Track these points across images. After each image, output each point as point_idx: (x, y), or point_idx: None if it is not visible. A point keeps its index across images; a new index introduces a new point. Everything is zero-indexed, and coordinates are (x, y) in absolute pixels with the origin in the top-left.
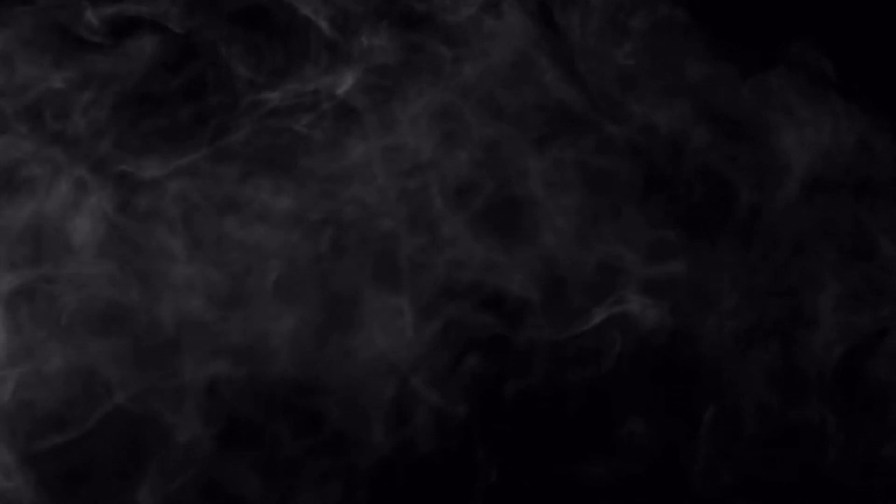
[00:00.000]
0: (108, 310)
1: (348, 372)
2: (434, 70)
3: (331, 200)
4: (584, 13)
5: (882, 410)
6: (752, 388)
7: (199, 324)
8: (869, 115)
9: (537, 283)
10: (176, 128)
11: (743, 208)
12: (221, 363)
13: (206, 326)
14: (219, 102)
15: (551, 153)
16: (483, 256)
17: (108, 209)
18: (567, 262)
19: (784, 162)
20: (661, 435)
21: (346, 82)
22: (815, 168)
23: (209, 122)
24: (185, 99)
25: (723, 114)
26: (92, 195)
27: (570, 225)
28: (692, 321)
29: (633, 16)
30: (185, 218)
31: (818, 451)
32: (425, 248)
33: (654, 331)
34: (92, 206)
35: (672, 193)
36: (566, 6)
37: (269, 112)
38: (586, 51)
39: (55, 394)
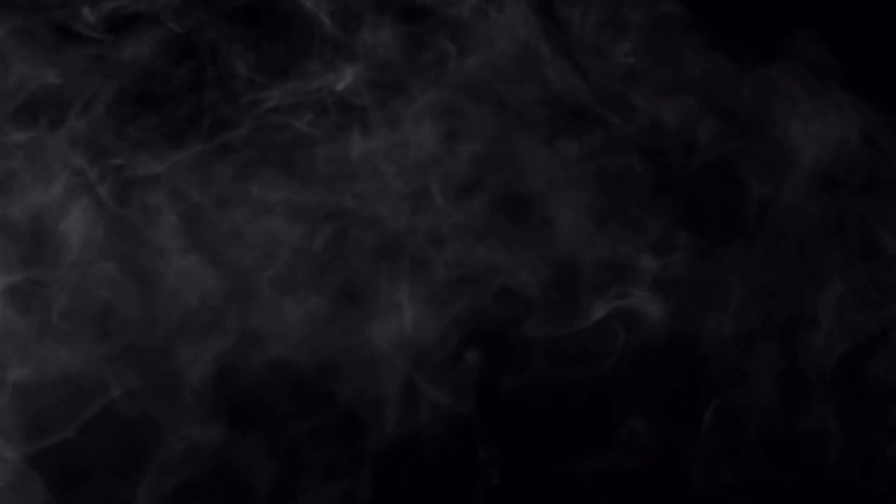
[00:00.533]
0: (106, 307)
1: (349, 368)
2: (437, 65)
3: (333, 197)
4: (584, 8)
5: (883, 410)
6: (754, 388)
7: (198, 320)
8: (873, 108)
9: (541, 280)
10: (175, 124)
11: (748, 205)
12: (220, 359)
13: (206, 322)
14: (219, 99)
15: (556, 149)
16: (486, 253)
17: (106, 205)
18: (571, 259)
19: (789, 157)
20: (661, 434)
21: (348, 79)
22: (820, 163)
23: (209, 119)
24: (185, 95)
25: (726, 109)
26: (89, 191)
27: (575, 221)
28: (695, 319)
29: (634, 11)
30: (183, 214)
31: (819, 451)
32: (428, 244)
33: (656, 328)
34: (89, 202)
35: (676, 189)
36: (567, 0)
37: (270, 109)
38: (587, 46)
39: (53, 392)
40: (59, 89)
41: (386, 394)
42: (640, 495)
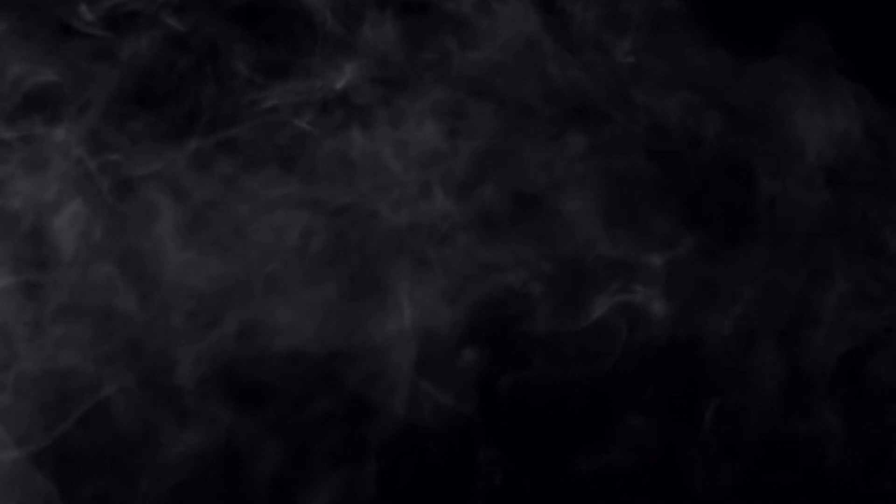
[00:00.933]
0: (105, 305)
1: (348, 366)
2: (439, 61)
3: (334, 195)
4: (585, 3)
5: (883, 410)
6: (754, 388)
7: (197, 317)
8: (876, 101)
9: (543, 278)
10: (175, 122)
11: (752, 202)
12: (219, 356)
13: (205, 320)
14: (219, 97)
15: (559, 146)
16: (488, 251)
17: (104, 203)
18: (573, 257)
19: (792, 152)
20: (661, 433)
21: (349, 76)
22: (823, 158)
23: (209, 117)
24: (184, 93)
25: (728, 104)
26: (88, 189)
27: (577, 219)
28: (696, 318)
29: (634, 6)
30: (183, 212)
31: (819, 451)
32: (429, 242)
33: (658, 327)
34: (88, 200)
35: (680, 186)
36: None
37: (270, 107)
38: (588, 41)
39: (52, 391)
40: (57, 87)
41: (386, 391)
42: (640, 494)
